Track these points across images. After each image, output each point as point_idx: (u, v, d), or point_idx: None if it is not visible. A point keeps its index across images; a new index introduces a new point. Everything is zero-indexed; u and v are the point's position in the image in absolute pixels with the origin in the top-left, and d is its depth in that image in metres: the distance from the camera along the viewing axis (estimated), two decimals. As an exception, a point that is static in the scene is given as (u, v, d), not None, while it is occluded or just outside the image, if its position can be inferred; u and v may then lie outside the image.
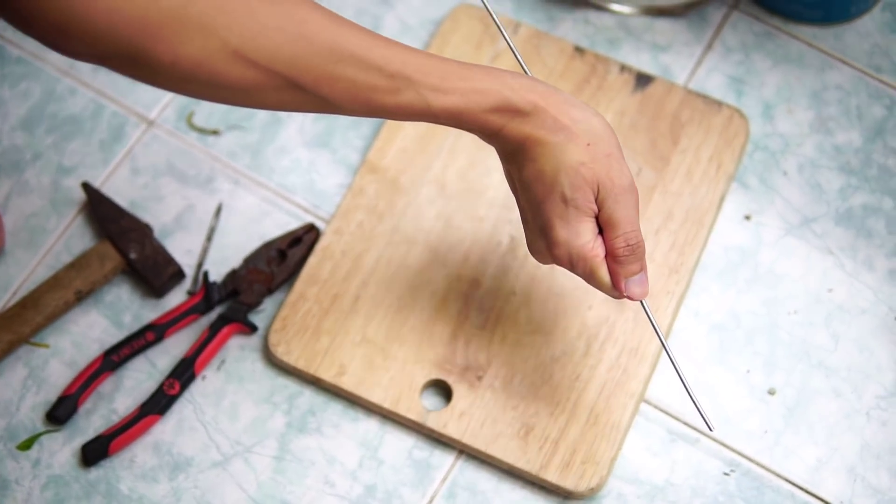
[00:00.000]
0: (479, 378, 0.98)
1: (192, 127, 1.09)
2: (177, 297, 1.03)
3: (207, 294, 1.01)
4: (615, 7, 1.14)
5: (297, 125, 1.09)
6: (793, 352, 1.01)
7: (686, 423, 0.98)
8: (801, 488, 0.96)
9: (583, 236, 0.83)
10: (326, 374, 0.98)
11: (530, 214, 0.85)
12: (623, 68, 1.10)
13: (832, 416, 0.99)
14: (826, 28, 1.13)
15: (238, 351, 1.01)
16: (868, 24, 1.14)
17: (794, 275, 1.04)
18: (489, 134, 0.83)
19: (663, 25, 1.14)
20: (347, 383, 0.98)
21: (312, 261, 1.02)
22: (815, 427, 0.98)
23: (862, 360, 1.01)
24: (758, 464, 0.97)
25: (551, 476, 0.95)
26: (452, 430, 0.96)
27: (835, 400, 0.99)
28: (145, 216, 1.05)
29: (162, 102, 1.10)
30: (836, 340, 1.01)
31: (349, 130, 1.09)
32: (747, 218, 1.06)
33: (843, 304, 1.03)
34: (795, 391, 0.99)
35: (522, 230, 1.02)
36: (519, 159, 0.83)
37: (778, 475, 0.97)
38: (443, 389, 0.99)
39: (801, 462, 0.97)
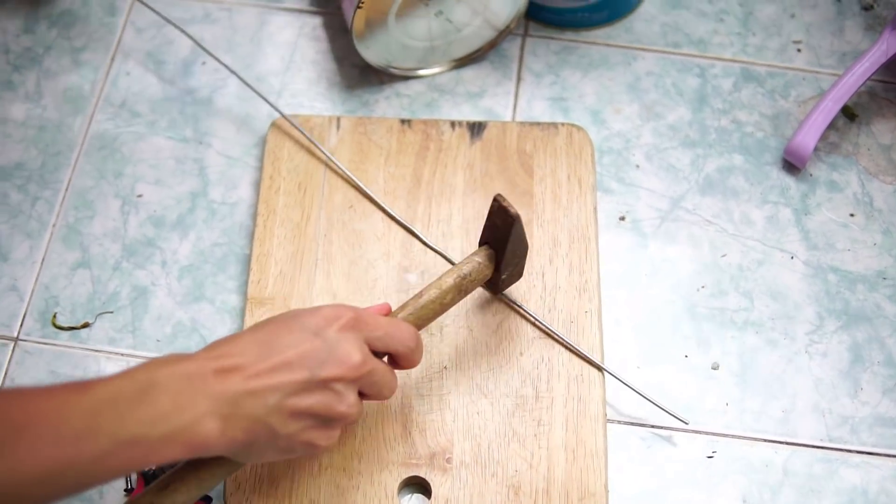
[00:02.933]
0: (448, 460, 0.96)
1: (60, 328, 1.04)
2: (115, 500, 0.97)
3: (146, 485, 0.96)
4: (421, 73, 1.15)
5: (165, 290, 1.05)
6: (717, 323, 1.03)
7: (654, 426, 0.99)
8: (780, 442, 0.99)
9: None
10: (301, 515, 0.95)
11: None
12: (453, 124, 1.11)
13: (777, 366, 1.02)
14: (615, 25, 1.18)
15: (203, 528, 0.96)
16: (649, 9, 1.19)
17: (687, 254, 1.06)
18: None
19: (470, 74, 1.16)
20: (325, 515, 0.95)
21: (241, 411, 0.98)
22: (767, 382, 1.01)
23: (779, 306, 1.04)
24: (733, 436, 0.99)
25: (557, 524, 0.94)
26: (445, 519, 0.94)
27: (773, 351, 1.02)
28: (49, 434, 0.99)
29: (19, 316, 1.04)
30: (749, 298, 1.04)
31: (217, 276, 1.06)
32: (622, 219, 1.08)
33: (740, 263, 1.06)
34: (736, 357, 1.02)
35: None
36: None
37: (755, 439, 0.99)
38: (419, 485, 0.97)
39: (769, 419, 0.99)
